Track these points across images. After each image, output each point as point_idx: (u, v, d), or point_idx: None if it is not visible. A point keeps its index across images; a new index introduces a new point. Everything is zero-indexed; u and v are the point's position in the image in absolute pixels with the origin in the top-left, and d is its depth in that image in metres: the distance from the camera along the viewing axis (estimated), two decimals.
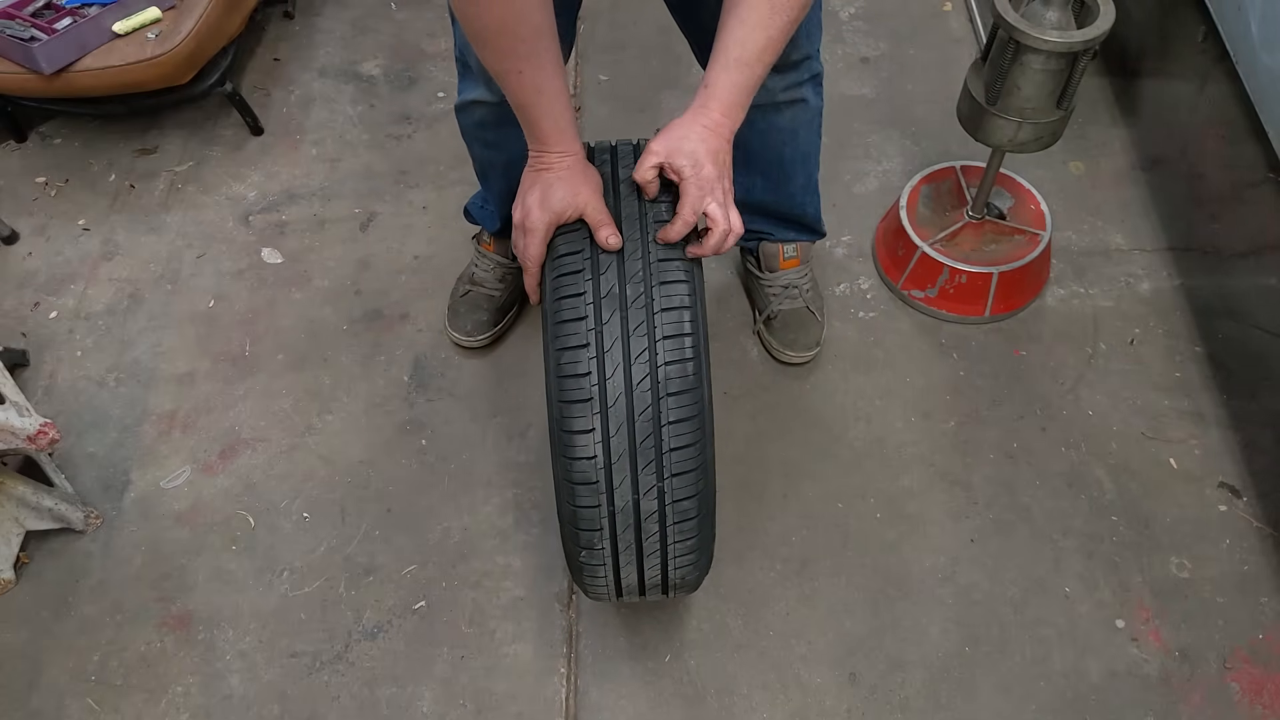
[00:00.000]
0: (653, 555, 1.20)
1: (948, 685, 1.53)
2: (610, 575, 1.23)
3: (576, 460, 1.11)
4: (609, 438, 1.10)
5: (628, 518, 1.14)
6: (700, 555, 1.24)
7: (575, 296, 1.11)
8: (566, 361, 1.10)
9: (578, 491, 1.13)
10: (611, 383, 1.09)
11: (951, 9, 2.59)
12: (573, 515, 1.15)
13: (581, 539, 1.17)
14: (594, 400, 1.09)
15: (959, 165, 2.03)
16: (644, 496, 1.13)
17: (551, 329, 1.11)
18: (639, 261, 1.12)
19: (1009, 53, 1.54)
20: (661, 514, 1.15)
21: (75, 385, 1.94)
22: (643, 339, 1.10)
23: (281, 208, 2.24)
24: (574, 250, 1.13)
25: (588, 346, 1.09)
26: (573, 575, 1.32)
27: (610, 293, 1.11)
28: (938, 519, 1.70)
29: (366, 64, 2.55)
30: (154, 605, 1.66)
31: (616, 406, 1.09)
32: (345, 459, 1.82)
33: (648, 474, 1.12)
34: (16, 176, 2.35)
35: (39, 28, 2.07)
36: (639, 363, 1.09)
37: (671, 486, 1.13)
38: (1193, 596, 1.60)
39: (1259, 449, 1.75)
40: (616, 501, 1.13)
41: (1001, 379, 1.87)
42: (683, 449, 1.12)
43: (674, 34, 1.57)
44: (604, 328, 1.09)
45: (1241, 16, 1.69)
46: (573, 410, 1.10)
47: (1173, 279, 2.00)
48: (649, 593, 1.31)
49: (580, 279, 1.11)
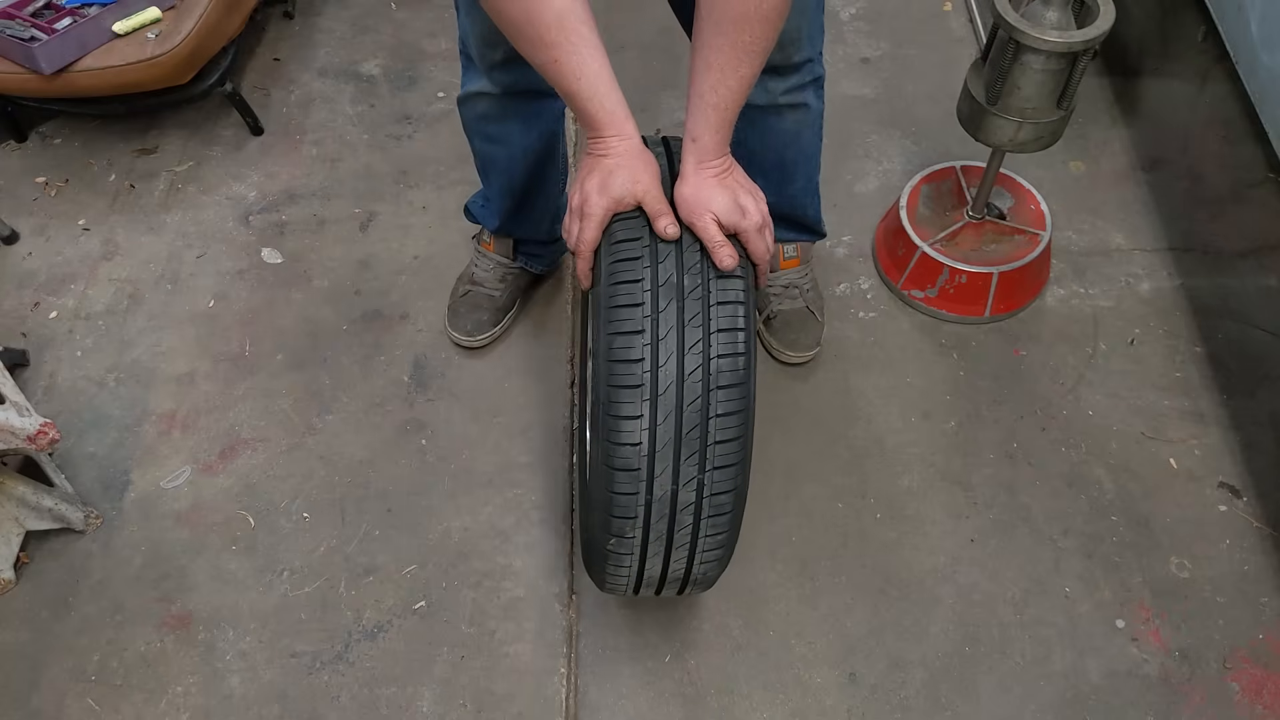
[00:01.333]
0: (682, 548, 1.20)
1: (948, 685, 1.53)
2: (635, 566, 1.22)
3: (620, 446, 1.10)
4: (656, 425, 1.09)
5: (664, 508, 1.14)
6: (726, 551, 1.24)
7: (633, 283, 1.10)
8: (619, 346, 1.09)
9: (617, 477, 1.12)
10: (664, 371, 1.09)
11: (951, 9, 2.59)
12: (608, 501, 1.14)
13: (613, 526, 1.16)
14: (644, 387, 1.09)
15: (959, 165, 2.03)
16: (683, 487, 1.13)
17: (605, 313, 1.11)
18: (697, 253, 1.12)
19: (1009, 53, 1.54)
20: (698, 506, 1.15)
21: (75, 385, 1.94)
22: (697, 330, 1.09)
23: (281, 208, 2.24)
24: (633, 237, 1.13)
25: (642, 333, 1.09)
26: (591, 564, 1.31)
27: (668, 281, 1.10)
28: (938, 519, 1.70)
29: (366, 64, 2.55)
30: (154, 605, 1.66)
31: (666, 395, 1.09)
32: (345, 459, 1.82)
33: (690, 465, 1.11)
34: (16, 176, 2.35)
35: (39, 28, 2.07)
36: (692, 353, 1.09)
37: (712, 479, 1.13)
38: (1193, 596, 1.60)
39: (1259, 449, 1.75)
40: (655, 490, 1.12)
41: (1001, 379, 1.87)
42: (727, 443, 1.12)
43: (674, 34, 1.57)
44: (660, 315, 1.09)
45: (1241, 16, 1.69)
46: (622, 395, 1.09)
47: (1173, 279, 2.00)
48: (667, 588, 1.30)
49: (638, 265, 1.11)
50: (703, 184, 1.13)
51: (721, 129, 1.13)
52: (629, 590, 1.31)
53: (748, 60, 1.10)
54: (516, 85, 1.54)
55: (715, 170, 1.14)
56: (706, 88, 1.11)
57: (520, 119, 1.62)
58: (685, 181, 1.14)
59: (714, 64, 1.10)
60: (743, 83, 1.11)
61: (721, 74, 1.10)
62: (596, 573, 1.30)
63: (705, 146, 1.13)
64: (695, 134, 1.13)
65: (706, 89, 1.11)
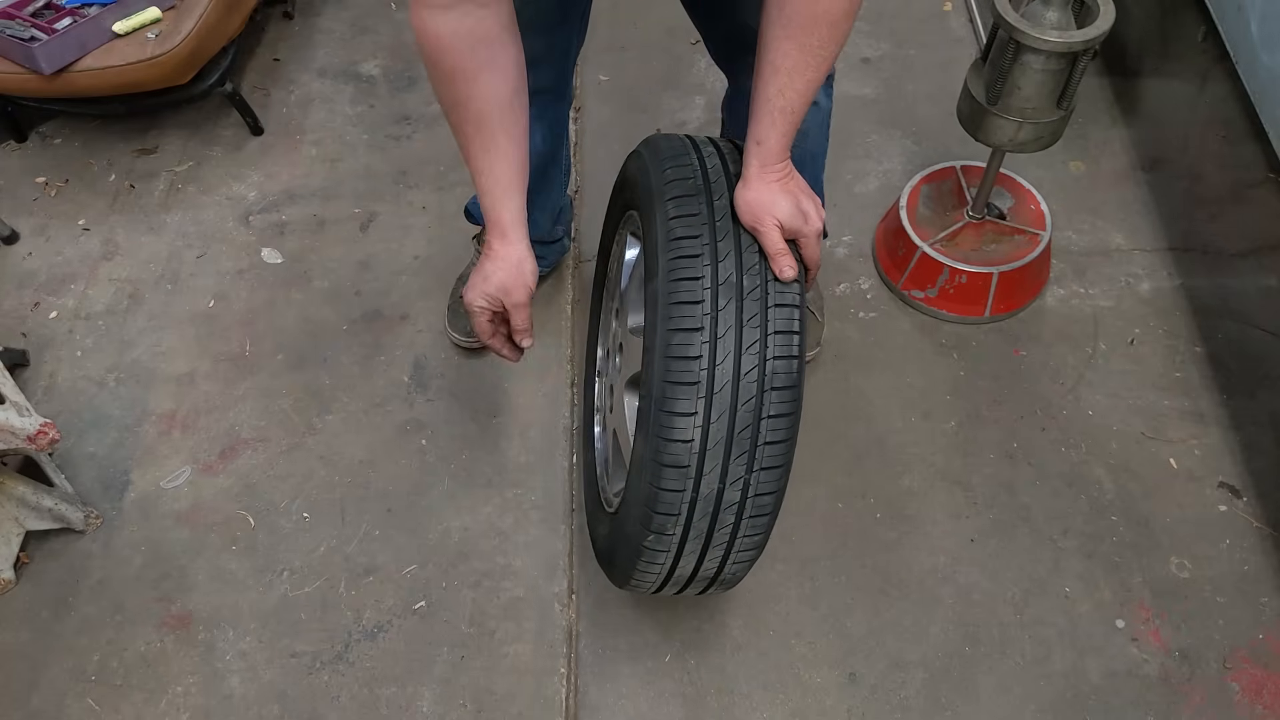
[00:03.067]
0: (718, 547, 1.20)
1: (948, 685, 1.53)
2: (668, 563, 1.22)
3: (672, 442, 1.11)
4: (709, 423, 1.10)
5: (707, 506, 1.14)
6: (758, 552, 1.24)
7: (693, 280, 1.11)
8: (678, 343, 1.10)
9: (665, 474, 1.12)
10: (720, 369, 1.09)
11: (951, 9, 2.59)
12: (652, 497, 1.14)
13: (654, 522, 1.16)
14: (701, 384, 1.09)
15: (959, 165, 2.03)
16: (729, 487, 1.13)
17: (665, 309, 1.12)
18: (755, 254, 1.13)
19: (1009, 53, 1.54)
20: (741, 506, 1.15)
21: (75, 385, 1.94)
22: (755, 330, 1.10)
23: (281, 208, 2.24)
24: (693, 235, 1.13)
25: (701, 330, 1.09)
26: (615, 560, 1.30)
27: (728, 280, 1.11)
28: (938, 519, 1.70)
29: (366, 64, 2.55)
30: (154, 605, 1.66)
31: (722, 393, 1.09)
32: (345, 459, 1.82)
33: (738, 464, 1.12)
34: (16, 176, 2.35)
35: (39, 28, 2.07)
36: (749, 353, 1.10)
37: (758, 480, 1.13)
38: (1193, 596, 1.60)
39: (1259, 449, 1.75)
40: (702, 489, 1.13)
41: (1001, 379, 1.87)
42: (776, 444, 1.12)
43: (674, 34, 1.57)
44: (719, 313, 1.10)
45: (1241, 16, 1.69)
46: (678, 392, 1.10)
47: (1173, 279, 2.00)
48: (691, 586, 1.30)
49: (698, 263, 1.12)
50: (766, 188, 1.13)
51: (787, 133, 1.14)
52: (653, 588, 1.31)
53: (814, 64, 1.10)
54: None
55: (779, 174, 1.14)
56: (773, 91, 1.11)
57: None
58: (749, 186, 1.14)
59: (781, 67, 1.10)
60: (809, 86, 1.12)
61: (789, 77, 1.10)
62: (621, 569, 1.29)
63: (770, 150, 1.13)
64: (760, 137, 1.13)
65: (773, 92, 1.11)
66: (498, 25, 1.14)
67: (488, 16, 1.13)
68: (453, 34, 1.12)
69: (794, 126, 1.14)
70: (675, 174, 1.19)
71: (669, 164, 1.20)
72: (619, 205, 1.53)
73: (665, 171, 1.20)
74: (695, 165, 1.19)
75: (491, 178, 1.24)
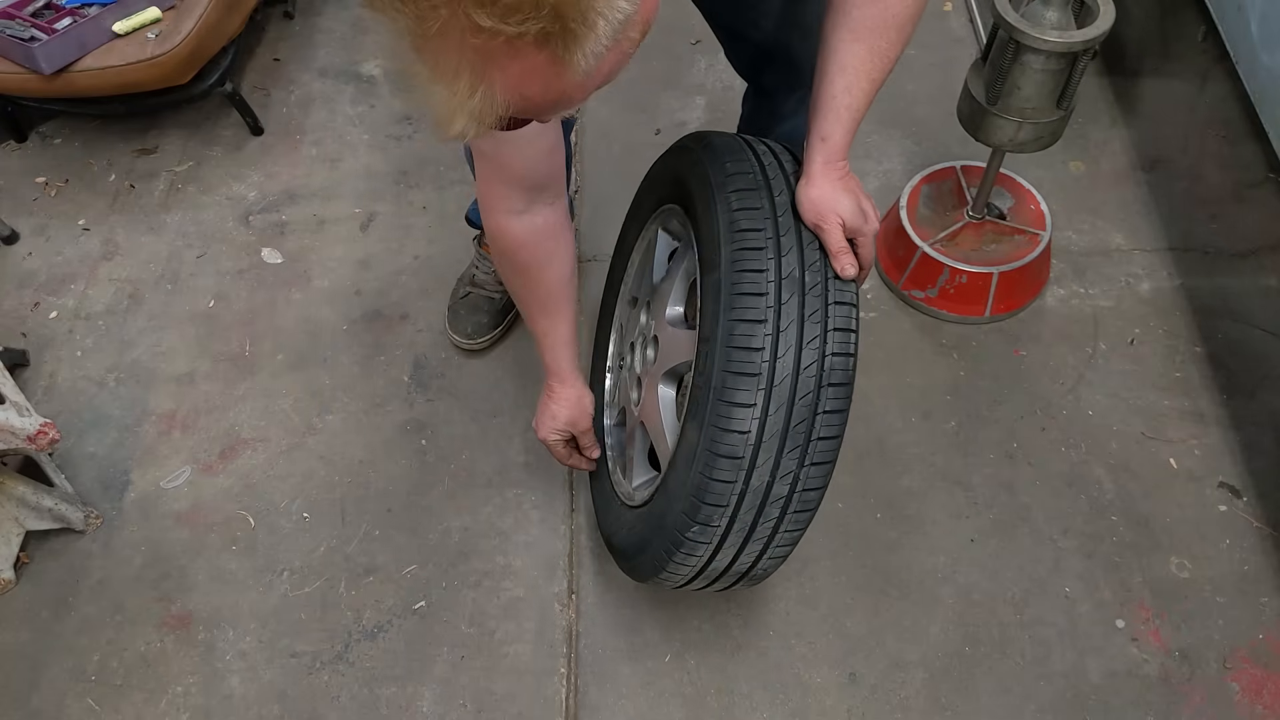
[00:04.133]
0: (758, 541, 1.20)
1: (948, 685, 1.53)
2: (706, 555, 1.22)
3: (729, 433, 1.11)
4: (767, 415, 1.10)
5: (756, 498, 1.14)
6: (793, 548, 1.25)
7: (757, 273, 1.12)
8: (741, 334, 1.10)
9: (719, 464, 1.12)
10: (781, 363, 1.10)
11: (951, 9, 2.59)
12: (702, 487, 1.14)
13: (701, 514, 1.16)
14: (761, 375, 1.10)
15: (959, 165, 2.03)
16: (778, 480, 1.13)
17: (728, 299, 1.12)
18: (816, 250, 1.14)
19: (1009, 53, 1.54)
20: (787, 500, 1.15)
21: (75, 385, 1.94)
22: (816, 325, 1.11)
23: (281, 208, 2.24)
24: (756, 228, 1.14)
25: (764, 323, 1.10)
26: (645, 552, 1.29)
27: (790, 275, 1.12)
28: (938, 519, 1.70)
29: (366, 64, 2.55)
30: (154, 605, 1.66)
31: (781, 386, 1.10)
32: (345, 459, 1.82)
33: (790, 458, 1.12)
34: (16, 176, 2.35)
35: (39, 28, 2.07)
36: (809, 348, 1.10)
37: (807, 474, 1.14)
38: (1193, 596, 1.60)
39: (1259, 449, 1.75)
40: (752, 481, 1.13)
41: (1001, 379, 1.87)
42: (828, 439, 1.13)
43: (674, 34, 1.57)
44: (783, 307, 1.11)
45: (1241, 16, 1.69)
46: (739, 383, 1.10)
47: (1173, 279, 2.00)
48: (720, 580, 1.29)
49: (763, 256, 1.12)
50: (830, 186, 1.14)
51: (851, 130, 1.16)
52: (681, 583, 1.30)
53: (881, 65, 1.13)
54: None
55: (840, 172, 1.16)
56: (840, 89, 1.13)
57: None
58: (812, 183, 1.15)
59: (849, 67, 1.12)
60: (874, 85, 1.14)
61: (856, 76, 1.12)
62: (651, 562, 1.28)
63: (834, 146, 1.15)
64: (825, 134, 1.15)
65: (839, 90, 1.13)
66: (563, 217, 1.32)
67: (554, 212, 1.30)
68: (526, 232, 1.29)
69: (857, 124, 1.16)
70: (735, 168, 1.20)
71: (728, 158, 1.22)
72: (651, 201, 1.53)
73: (725, 165, 1.21)
74: (753, 161, 1.21)
75: (553, 337, 1.43)
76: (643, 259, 1.61)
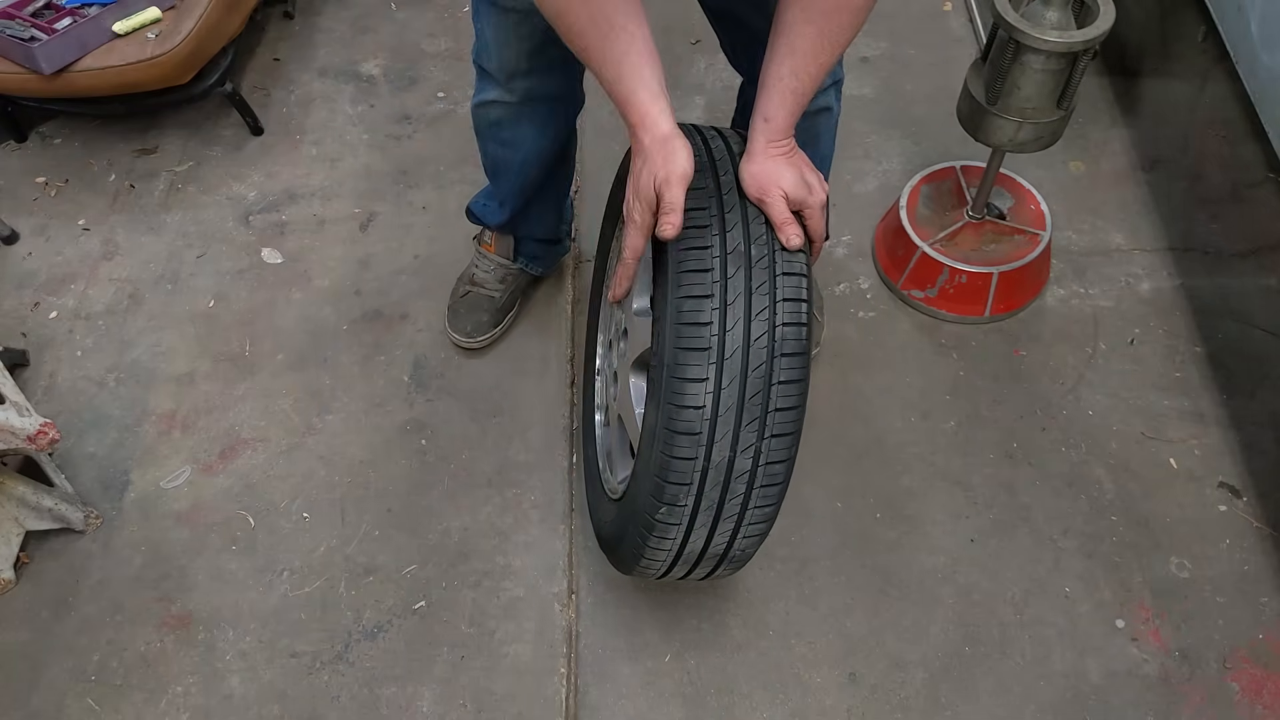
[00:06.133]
0: (729, 519, 1.20)
1: (948, 685, 1.53)
2: (679, 539, 1.22)
3: (683, 409, 1.12)
4: (720, 389, 1.11)
5: (719, 474, 1.15)
6: (768, 526, 1.25)
7: (702, 249, 1.13)
8: (689, 309, 1.11)
9: (677, 441, 1.13)
10: (731, 335, 1.11)
11: (951, 9, 2.59)
12: (664, 466, 1.15)
13: (666, 493, 1.16)
14: (712, 350, 1.11)
15: (959, 165, 2.03)
16: (740, 454, 1.14)
17: (674, 277, 1.13)
18: (762, 225, 1.15)
19: (1009, 53, 1.54)
20: (752, 475, 1.16)
21: (75, 385, 1.94)
22: (764, 297, 1.12)
23: (281, 208, 2.24)
24: (700, 206, 1.16)
25: (711, 298, 1.11)
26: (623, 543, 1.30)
27: (736, 249, 1.13)
28: (938, 519, 1.70)
29: (366, 64, 2.55)
30: (154, 605, 1.66)
31: (732, 359, 1.11)
32: (345, 459, 1.82)
33: (749, 431, 1.13)
34: (16, 176, 2.35)
35: (39, 28, 2.07)
36: (759, 319, 1.11)
37: (769, 447, 1.14)
38: (1193, 596, 1.60)
39: (1259, 449, 1.75)
40: (713, 456, 1.13)
41: (1001, 379, 1.87)
42: (786, 410, 1.13)
43: (674, 34, 1.57)
44: (729, 281, 1.12)
45: (1241, 16, 1.69)
46: (689, 358, 1.11)
47: (1173, 279, 2.00)
48: (701, 565, 1.30)
49: (707, 233, 1.14)
50: (771, 161, 1.15)
51: (795, 112, 1.16)
52: (662, 570, 1.30)
53: (830, 49, 1.13)
54: (534, 93, 1.54)
55: (783, 149, 1.16)
56: (787, 71, 1.13)
57: (536, 124, 1.61)
58: (753, 159, 1.16)
59: (798, 49, 1.12)
60: (822, 70, 1.14)
61: (804, 59, 1.13)
62: (630, 550, 1.28)
63: (776, 126, 1.15)
64: (768, 114, 1.15)
65: (786, 72, 1.13)
66: None
67: None
68: None
69: (801, 107, 1.16)
70: None
71: None
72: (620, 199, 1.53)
73: None
74: (700, 145, 1.22)
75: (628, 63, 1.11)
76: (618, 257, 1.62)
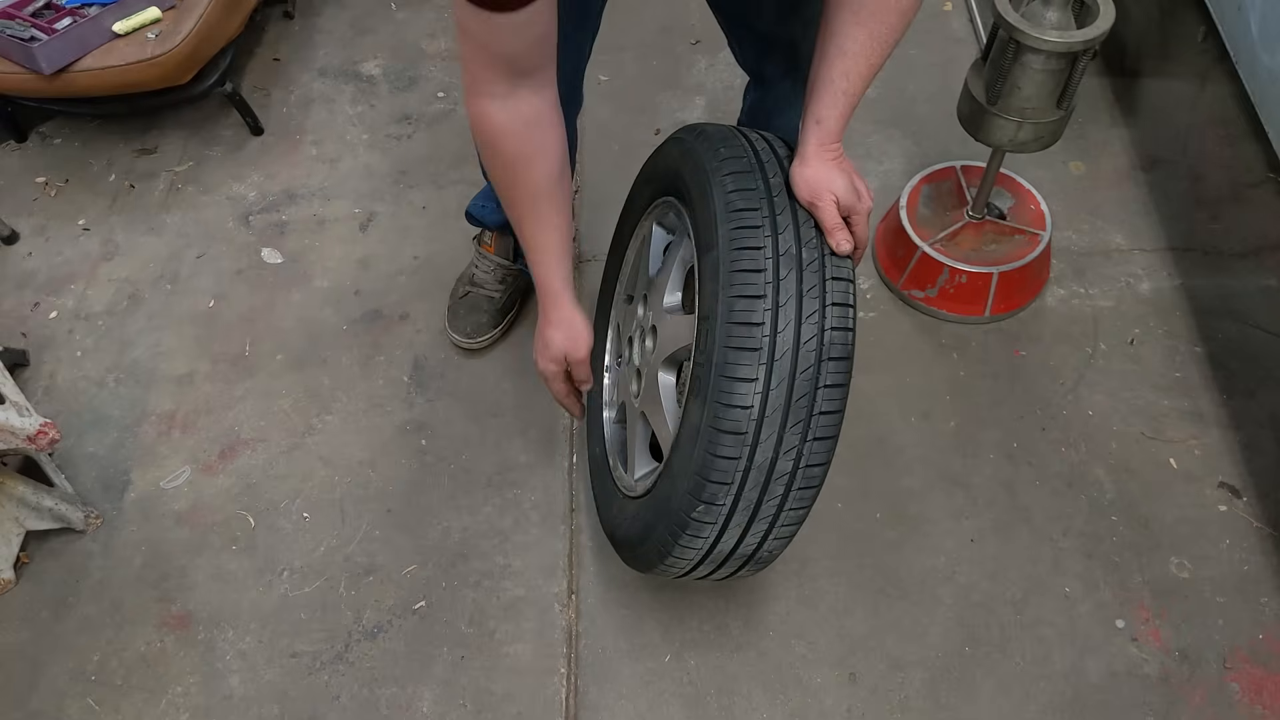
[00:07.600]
0: (764, 520, 1.20)
1: (948, 685, 1.53)
2: (711, 538, 1.22)
3: (731, 408, 1.11)
4: (769, 390, 1.11)
5: (760, 475, 1.15)
6: (798, 528, 1.25)
7: (754, 250, 1.13)
8: (741, 309, 1.12)
9: (722, 440, 1.13)
10: (781, 337, 1.11)
11: (951, 9, 2.59)
12: (707, 465, 1.14)
13: (706, 492, 1.16)
14: (762, 350, 1.11)
15: (959, 165, 2.03)
16: (782, 456, 1.14)
17: (727, 276, 1.14)
18: (812, 229, 1.16)
19: (1009, 53, 1.54)
20: (791, 477, 1.16)
21: (75, 385, 1.94)
22: (814, 301, 1.12)
23: (281, 208, 2.24)
24: (752, 207, 1.16)
25: (764, 298, 1.11)
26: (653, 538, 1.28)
27: (788, 252, 1.13)
28: (938, 519, 1.70)
29: (366, 64, 2.55)
30: (154, 605, 1.66)
31: (782, 361, 1.11)
32: (345, 459, 1.82)
33: (793, 433, 1.13)
34: (16, 176, 2.35)
35: (39, 28, 2.07)
36: (809, 322, 1.12)
37: (810, 450, 1.15)
38: (1193, 596, 1.60)
39: (1259, 449, 1.75)
40: (756, 457, 1.13)
41: (1001, 379, 1.87)
42: (829, 414, 1.14)
43: (674, 34, 1.57)
44: (780, 282, 1.12)
45: (1241, 16, 1.69)
46: (740, 358, 1.11)
47: (1173, 279, 2.00)
48: (725, 566, 1.29)
49: (759, 234, 1.14)
50: (824, 165, 1.16)
51: (846, 114, 1.17)
52: (686, 568, 1.30)
53: (880, 50, 1.14)
54: None
55: (834, 153, 1.17)
56: (838, 73, 1.14)
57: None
58: (806, 163, 1.16)
59: (849, 51, 1.13)
60: (872, 70, 1.15)
61: (855, 61, 1.13)
62: (655, 549, 1.27)
63: (829, 129, 1.16)
64: (820, 116, 1.16)
65: (838, 74, 1.14)
66: (550, 107, 1.20)
67: (541, 101, 1.19)
68: (510, 120, 1.18)
69: (852, 108, 1.17)
70: (729, 153, 1.22)
71: (721, 144, 1.24)
72: (645, 196, 1.53)
73: (719, 150, 1.23)
74: (747, 147, 1.23)
75: (545, 250, 1.31)
76: (638, 255, 1.62)
